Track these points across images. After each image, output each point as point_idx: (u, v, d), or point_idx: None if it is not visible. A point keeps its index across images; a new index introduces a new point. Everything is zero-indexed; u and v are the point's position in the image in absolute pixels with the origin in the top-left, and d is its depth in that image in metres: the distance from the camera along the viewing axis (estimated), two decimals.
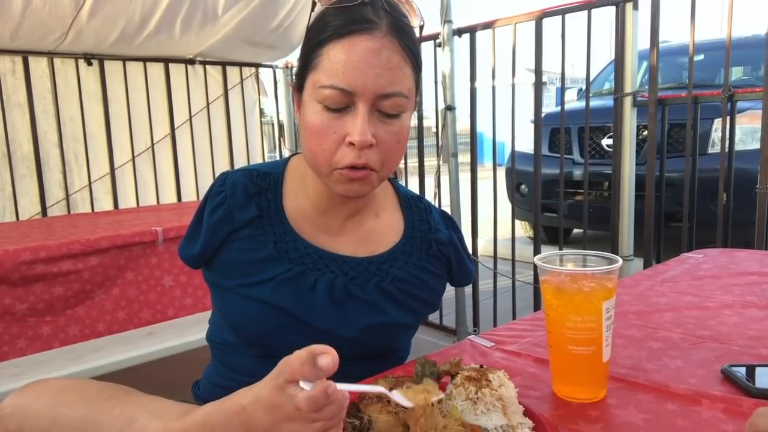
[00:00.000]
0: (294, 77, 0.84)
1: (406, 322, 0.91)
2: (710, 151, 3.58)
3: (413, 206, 0.97)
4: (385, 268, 0.89)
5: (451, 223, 1.00)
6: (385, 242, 0.92)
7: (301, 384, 0.48)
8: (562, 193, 2.70)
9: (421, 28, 0.83)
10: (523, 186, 4.35)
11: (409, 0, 0.82)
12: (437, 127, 2.95)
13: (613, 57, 2.49)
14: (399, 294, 0.89)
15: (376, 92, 0.75)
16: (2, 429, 0.66)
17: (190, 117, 3.69)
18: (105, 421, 0.60)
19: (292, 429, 0.51)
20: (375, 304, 0.87)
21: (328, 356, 0.48)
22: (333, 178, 0.79)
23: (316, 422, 0.50)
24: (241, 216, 0.86)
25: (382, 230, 0.93)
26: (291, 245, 0.86)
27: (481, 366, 0.70)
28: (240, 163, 3.97)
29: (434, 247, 0.95)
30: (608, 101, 3.16)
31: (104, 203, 3.43)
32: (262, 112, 4.52)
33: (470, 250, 1.07)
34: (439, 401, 0.61)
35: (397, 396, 0.57)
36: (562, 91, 2.62)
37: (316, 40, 0.78)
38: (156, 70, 3.54)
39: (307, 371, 0.48)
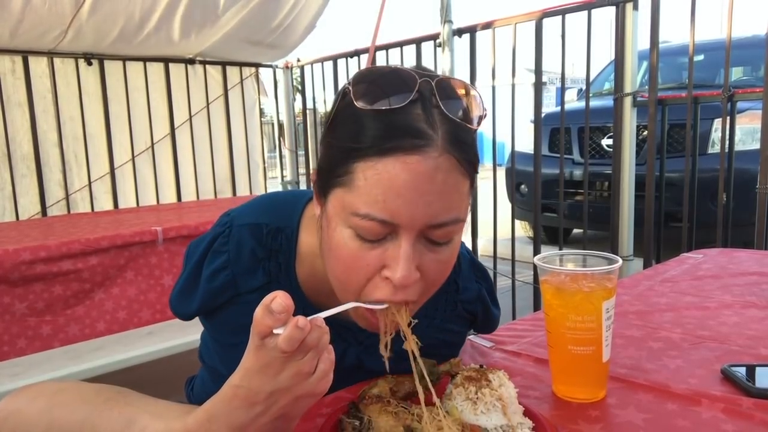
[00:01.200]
0: (315, 174, 0.68)
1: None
2: (710, 151, 3.58)
3: None
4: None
5: (480, 273, 0.90)
6: None
7: (275, 332, 0.51)
8: (562, 193, 2.70)
9: (482, 118, 0.66)
10: (523, 186, 4.35)
11: (468, 87, 0.65)
12: None
13: (613, 57, 2.49)
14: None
15: (427, 223, 0.60)
16: None
17: (190, 117, 3.70)
18: (103, 423, 0.60)
19: (291, 374, 0.51)
20: (387, 370, 0.78)
21: (278, 299, 0.50)
22: (358, 311, 0.65)
23: (306, 355, 0.51)
24: (246, 282, 0.76)
25: None
26: (299, 312, 0.77)
27: (481, 366, 0.70)
28: (240, 162, 3.96)
29: (459, 307, 0.86)
30: (608, 101, 3.16)
31: (104, 203, 3.43)
32: (262, 112, 4.52)
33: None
34: None
35: (369, 303, 0.61)
36: (562, 91, 2.63)
37: (347, 149, 0.61)
38: (156, 69, 3.54)
39: (270, 321, 0.49)
